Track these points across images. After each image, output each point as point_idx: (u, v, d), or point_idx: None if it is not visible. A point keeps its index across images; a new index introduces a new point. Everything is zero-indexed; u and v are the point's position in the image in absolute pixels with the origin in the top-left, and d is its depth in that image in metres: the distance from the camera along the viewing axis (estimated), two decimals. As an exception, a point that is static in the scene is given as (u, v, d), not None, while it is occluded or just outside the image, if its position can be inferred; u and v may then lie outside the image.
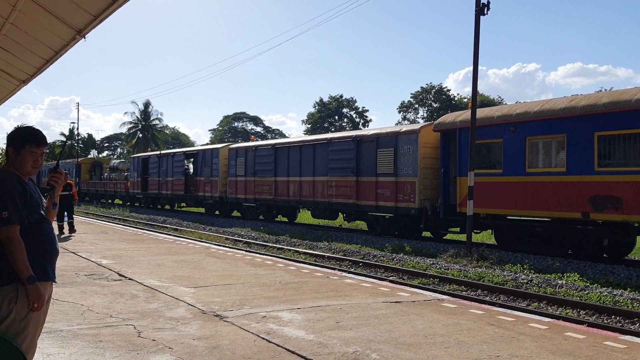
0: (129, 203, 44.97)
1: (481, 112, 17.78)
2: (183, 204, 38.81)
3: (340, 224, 27.25)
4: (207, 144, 78.51)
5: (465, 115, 18.30)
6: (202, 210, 36.45)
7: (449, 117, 19.39)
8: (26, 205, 3.45)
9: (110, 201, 49.21)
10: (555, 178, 15.45)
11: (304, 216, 30.87)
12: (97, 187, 50.64)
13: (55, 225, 18.18)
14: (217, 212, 33.49)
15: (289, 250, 17.90)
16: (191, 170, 35.62)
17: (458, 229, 19.58)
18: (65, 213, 17.25)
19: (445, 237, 21.25)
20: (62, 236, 15.82)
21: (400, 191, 20.00)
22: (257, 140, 33.20)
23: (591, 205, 14.55)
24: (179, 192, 35.85)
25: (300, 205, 26.35)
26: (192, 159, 35.50)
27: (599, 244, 15.23)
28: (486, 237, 20.99)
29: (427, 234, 21.34)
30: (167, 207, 40.66)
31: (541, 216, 16.06)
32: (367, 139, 21.73)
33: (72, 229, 16.97)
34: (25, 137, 3.54)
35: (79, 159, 57.40)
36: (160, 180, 38.37)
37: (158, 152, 41.02)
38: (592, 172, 14.64)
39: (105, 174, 50.66)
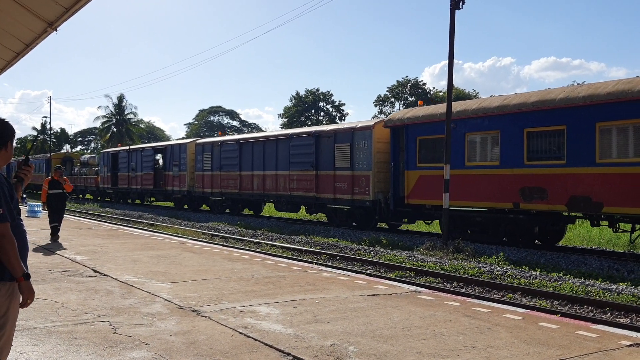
0: (99, 198, 44.88)
1: (426, 110, 19.08)
2: (152, 199, 39.25)
3: (312, 218, 27.50)
4: (183, 138, 77.88)
5: (412, 112, 19.57)
6: (171, 204, 36.89)
7: (397, 114, 20.46)
8: (12, 202, 3.40)
9: (81, 196, 49.26)
10: (490, 171, 16.64)
11: (271, 209, 31.24)
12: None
13: (27, 226, 17.78)
14: (185, 206, 33.98)
15: (266, 244, 17.87)
16: (160, 165, 36.01)
17: (406, 220, 20.90)
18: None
19: (399, 228, 22.18)
20: (53, 241, 13.47)
21: (356, 184, 20.80)
22: (224, 135, 33.94)
23: (521, 196, 15.75)
24: (149, 187, 36.31)
25: (264, 198, 27.00)
26: (161, 154, 35.98)
27: (530, 231, 16.30)
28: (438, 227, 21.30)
29: (383, 225, 22.22)
30: (138, 201, 40.96)
31: (479, 206, 17.25)
32: (325, 134, 22.55)
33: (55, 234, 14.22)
34: (12, 131, 3.49)
35: (50, 154, 56.86)
36: (129, 175, 38.72)
37: (127, 147, 41.26)
38: (522, 165, 15.81)
39: (76, 169, 50.54)
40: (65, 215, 15.27)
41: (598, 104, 14.25)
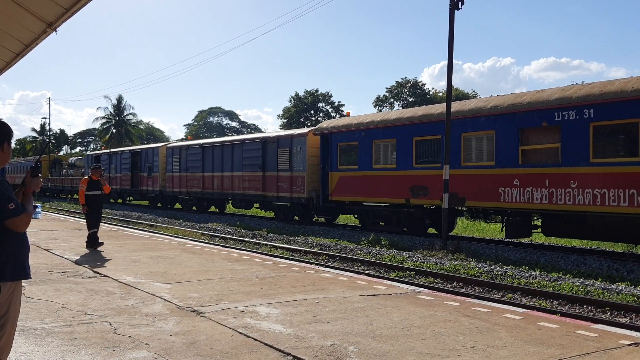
0: None
1: (345, 120, 22.62)
2: (130, 198, 42.39)
3: (264, 214, 29.44)
4: (182, 139, 77.90)
5: (335, 122, 23.27)
6: (147, 203, 39.85)
7: (324, 124, 23.76)
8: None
9: (69, 196, 51.48)
10: (390, 172, 19.78)
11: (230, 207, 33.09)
12: (56, 182, 53.57)
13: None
14: (159, 204, 37.05)
15: (266, 245, 17.86)
16: (137, 167, 38.62)
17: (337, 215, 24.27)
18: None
19: (335, 222, 25.08)
20: (98, 249, 12.05)
21: (294, 184, 23.82)
22: (194, 140, 38.13)
23: (411, 193, 18.95)
24: (127, 187, 39.49)
25: (223, 196, 29.79)
26: (137, 157, 38.67)
27: (423, 222, 19.65)
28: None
29: (322, 220, 24.93)
30: (120, 200, 43.72)
31: (383, 202, 20.55)
32: (270, 140, 25.71)
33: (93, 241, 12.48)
34: (10, 130, 3.52)
35: (39, 156, 58.93)
36: (110, 176, 41.51)
37: (108, 150, 44.42)
38: (411, 167, 19.02)
39: (64, 171, 53.69)
40: (64, 216, 15.00)
41: (462, 118, 17.27)
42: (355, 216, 23.09)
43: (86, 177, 13.02)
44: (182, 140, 62.58)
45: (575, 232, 15.55)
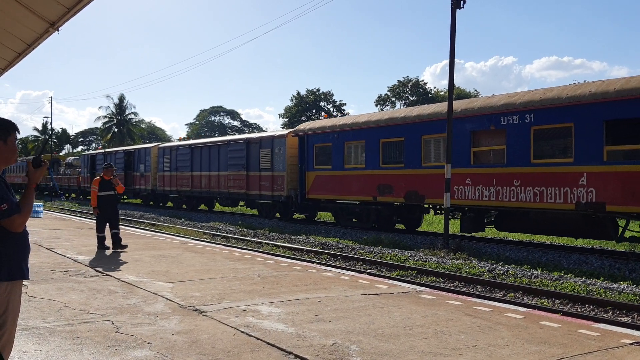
0: (81, 197, 48.50)
1: (320, 123, 23.92)
2: (124, 196, 43.41)
3: (250, 212, 30.41)
4: (184, 138, 77.93)
5: (311, 124, 24.53)
6: (140, 201, 41.20)
7: (302, 126, 25.10)
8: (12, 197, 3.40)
9: (67, 195, 52.73)
10: (359, 172, 21.10)
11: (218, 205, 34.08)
12: (54, 182, 54.57)
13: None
14: (151, 203, 38.69)
15: (267, 244, 17.87)
16: (130, 166, 39.67)
17: (311, 213, 25.83)
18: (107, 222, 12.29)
19: (315, 219, 26.40)
20: (108, 253, 11.51)
21: (275, 182, 25.09)
22: (184, 141, 39.35)
23: (377, 191, 20.18)
24: None
25: (210, 195, 31.01)
26: (130, 157, 39.72)
27: (390, 219, 20.82)
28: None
29: (302, 216, 26.38)
30: None
31: (355, 200, 21.74)
32: (253, 141, 27.07)
33: (118, 243, 12.05)
34: (10, 125, 3.47)
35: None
36: None
37: (103, 150, 45.67)
38: (378, 167, 20.21)
39: (61, 170, 54.78)
40: (66, 215, 14.99)
41: (423, 122, 18.50)
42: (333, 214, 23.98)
43: (98, 177, 12.51)
44: (185, 138, 62.59)
45: (521, 227, 16.74)
